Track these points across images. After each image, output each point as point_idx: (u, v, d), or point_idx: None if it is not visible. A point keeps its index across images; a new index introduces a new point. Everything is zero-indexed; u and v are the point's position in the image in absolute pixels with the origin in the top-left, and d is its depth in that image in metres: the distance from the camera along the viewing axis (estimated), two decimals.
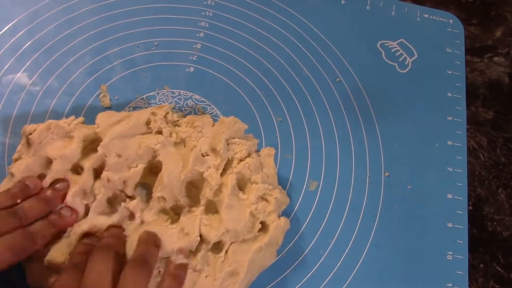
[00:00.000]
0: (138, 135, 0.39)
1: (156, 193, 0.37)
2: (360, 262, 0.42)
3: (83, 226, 0.36)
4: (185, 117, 0.42)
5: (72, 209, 0.37)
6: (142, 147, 0.38)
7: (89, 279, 0.31)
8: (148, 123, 0.40)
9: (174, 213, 0.39)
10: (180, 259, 0.36)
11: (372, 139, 0.48)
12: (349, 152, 0.47)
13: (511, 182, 0.49)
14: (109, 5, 0.51)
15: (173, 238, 0.36)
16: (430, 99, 0.52)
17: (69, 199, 0.37)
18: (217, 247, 0.38)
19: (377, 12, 0.56)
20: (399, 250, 0.44)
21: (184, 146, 0.40)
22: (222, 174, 0.39)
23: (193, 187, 0.40)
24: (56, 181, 0.37)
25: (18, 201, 0.35)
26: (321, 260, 0.42)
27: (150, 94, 0.47)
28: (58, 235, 0.36)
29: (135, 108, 0.46)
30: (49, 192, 0.37)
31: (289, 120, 0.48)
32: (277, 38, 0.52)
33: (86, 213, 0.37)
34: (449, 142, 0.49)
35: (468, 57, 0.55)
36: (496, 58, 0.57)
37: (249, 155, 0.41)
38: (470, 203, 0.47)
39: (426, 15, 0.57)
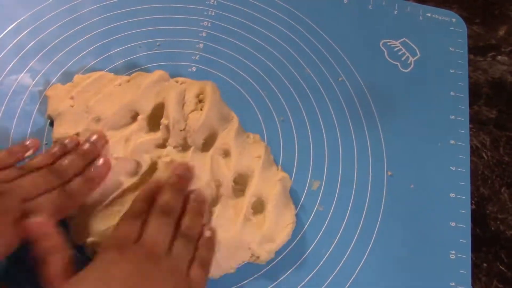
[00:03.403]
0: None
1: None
2: (362, 261, 0.42)
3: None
4: None
5: (106, 161, 0.39)
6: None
7: (149, 235, 0.33)
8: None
9: None
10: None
11: (374, 138, 0.48)
12: (351, 151, 0.47)
13: None
14: (112, 5, 0.51)
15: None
16: (433, 98, 0.51)
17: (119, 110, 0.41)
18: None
19: (380, 11, 0.56)
20: (401, 249, 0.44)
21: None
22: None
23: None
24: (91, 135, 0.40)
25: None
26: (323, 260, 0.42)
27: None
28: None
29: None
30: (86, 146, 0.39)
31: (291, 120, 0.48)
32: (279, 38, 0.52)
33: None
34: (452, 141, 0.49)
35: (471, 56, 0.55)
36: (499, 57, 0.56)
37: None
38: (473, 202, 0.47)
39: (429, 14, 0.57)
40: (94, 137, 0.40)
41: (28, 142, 0.39)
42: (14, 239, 0.32)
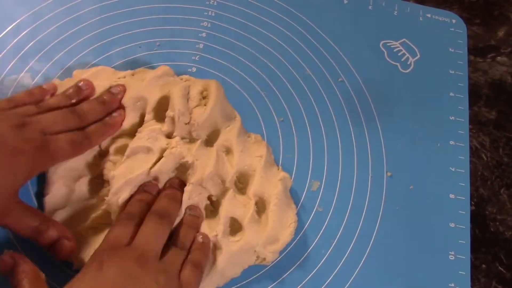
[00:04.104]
0: None
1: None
2: (362, 262, 0.42)
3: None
4: None
5: (122, 110, 0.41)
6: None
7: (142, 238, 0.33)
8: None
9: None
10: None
11: (374, 139, 0.48)
12: (351, 152, 0.47)
13: None
14: (111, 5, 0.51)
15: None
16: (432, 99, 0.51)
17: (124, 101, 0.42)
18: None
19: (380, 12, 0.56)
20: (401, 250, 0.44)
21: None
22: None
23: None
24: (114, 86, 0.42)
25: (73, 101, 0.40)
26: (323, 260, 0.42)
27: None
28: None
29: None
30: (106, 96, 0.41)
31: (291, 120, 0.48)
32: (279, 38, 0.52)
33: (141, 122, 0.42)
34: (452, 142, 0.49)
35: (471, 57, 0.55)
36: (499, 58, 0.57)
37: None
38: (473, 203, 0.47)
39: (429, 15, 0.57)
40: (116, 88, 0.41)
41: (45, 86, 0.41)
42: (34, 166, 0.34)
